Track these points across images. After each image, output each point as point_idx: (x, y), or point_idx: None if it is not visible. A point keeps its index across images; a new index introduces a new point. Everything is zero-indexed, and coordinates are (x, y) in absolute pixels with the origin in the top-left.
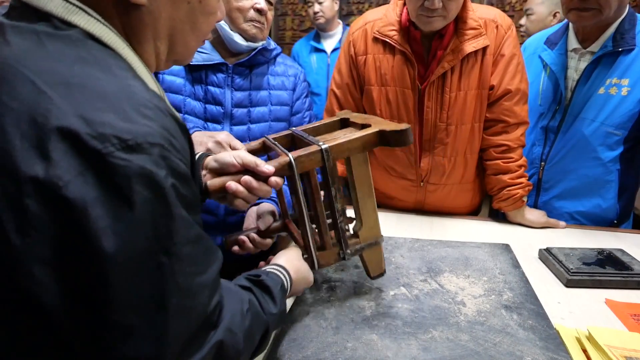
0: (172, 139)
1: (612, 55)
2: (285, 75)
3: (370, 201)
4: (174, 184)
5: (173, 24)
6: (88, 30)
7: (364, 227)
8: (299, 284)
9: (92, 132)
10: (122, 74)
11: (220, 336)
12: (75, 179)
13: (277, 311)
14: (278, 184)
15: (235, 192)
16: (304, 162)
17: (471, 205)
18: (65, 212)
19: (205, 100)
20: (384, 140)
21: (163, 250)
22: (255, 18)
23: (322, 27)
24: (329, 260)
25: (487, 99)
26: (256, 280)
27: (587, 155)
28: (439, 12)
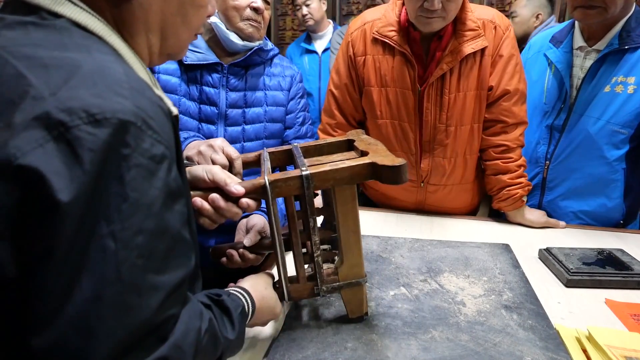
0: (147, 119)
1: (618, 53)
2: (282, 76)
3: (354, 238)
4: (142, 164)
5: (164, 17)
6: (74, 19)
7: (344, 264)
8: (263, 314)
9: (60, 105)
10: (102, 57)
11: (165, 352)
12: (34, 150)
13: (234, 337)
14: (250, 206)
15: (200, 210)
16: (281, 187)
17: (471, 205)
18: (20, 182)
19: (200, 101)
20: (376, 174)
21: (110, 233)
22: (252, 17)
23: (312, 29)
24: (301, 294)
25: (486, 99)
26: (217, 299)
27: (593, 154)
28: (438, 13)
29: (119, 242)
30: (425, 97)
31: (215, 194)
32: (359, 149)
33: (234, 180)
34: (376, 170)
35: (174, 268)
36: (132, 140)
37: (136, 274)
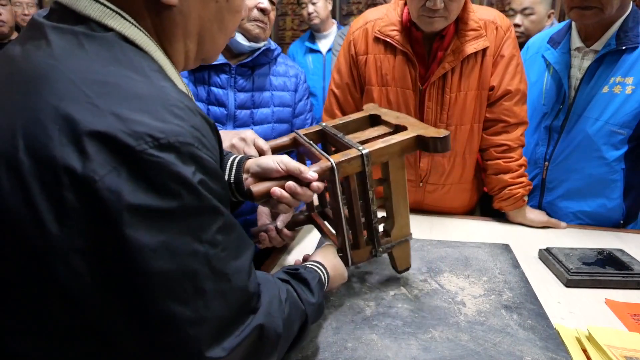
0: (202, 138)
1: (616, 54)
2: (287, 76)
3: (403, 203)
4: (203, 180)
5: (202, 22)
6: (123, 33)
7: (396, 226)
8: (336, 280)
9: (126, 129)
10: (155, 76)
11: (261, 320)
12: (109, 174)
13: (315, 302)
14: (320, 188)
15: (280, 198)
16: (345, 167)
17: (469, 205)
18: (100, 205)
19: (209, 102)
20: (423, 145)
21: (197, 239)
22: (259, 18)
23: (317, 28)
24: (362, 258)
25: (487, 99)
26: (294, 273)
27: (592, 154)
28: (440, 12)
29: (205, 244)
30: (427, 96)
31: (291, 182)
32: (390, 122)
33: (305, 167)
34: (424, 141)
35: (244, 251)
36: (193, 159)
37: (224, 265)
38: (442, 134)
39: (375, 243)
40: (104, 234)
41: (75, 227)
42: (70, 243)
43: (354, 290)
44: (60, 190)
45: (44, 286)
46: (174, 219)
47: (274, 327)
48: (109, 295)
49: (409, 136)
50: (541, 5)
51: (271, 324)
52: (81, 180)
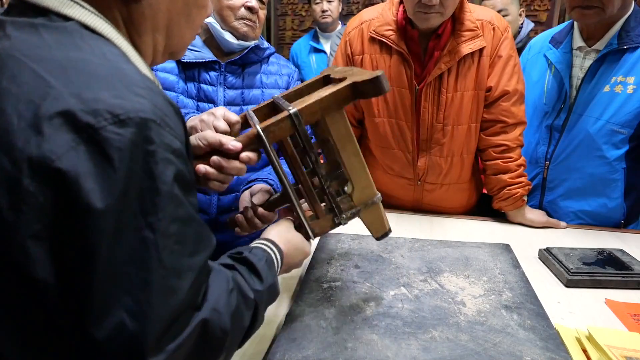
0: (164, 117)
1: (618, 53)
2: (279, 74)
3: (356, 159)
4: (167, 158)
5: (170, 16)
6: (83, 21)
7: (356, 188)
8: (294, 256)
9: (85, 108)
10: (116, 59)
11: (205, 315)
12: (67, 153)
13: (263, 287)
14: (250, 158)
15: (206, 174)
16: (274, 131)
17: (467, 204)
18: (57, 184)
19: (198, 98)
20: (359, 93)
21: (148, 225)
22: (246, 16)
23: (325, 27)
24: (324, 228)
25: (485, 100)
26: (239, 257)
27: (593, 153)
28: (436, 8)
29: (157, 232)
30: (423, 96)
31: (215, 156)
32: (335, 78)
33: (228, 138)
34: (358, 88)
35: (202, 249)
36: (155, 136)
37: (175, 258)
38: (375, 74)
39: (335, 210)
40: (61, 215)
41: (31, 213)
42: (27, 229)
43: (354, 290)
44: (17, 175)
45: (8, 277)
46: (127, 199)
47: (219, 324)
48: (64, 281)
49: (342, 86)
50: (513, 5)
51: (217, 319)
52: (38, 162)
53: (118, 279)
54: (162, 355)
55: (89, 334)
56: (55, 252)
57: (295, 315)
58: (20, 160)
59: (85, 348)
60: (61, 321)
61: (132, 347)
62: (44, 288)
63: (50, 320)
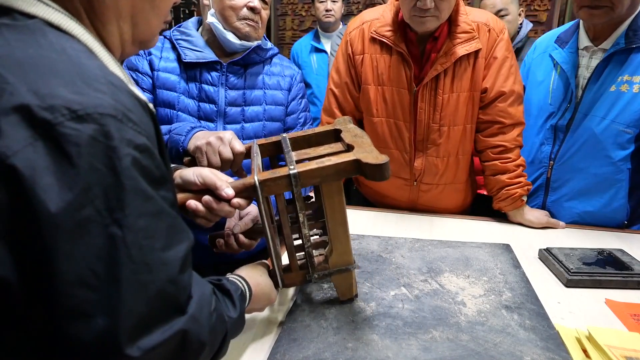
0: (127, 112)
1: (624, 53)
2: (281, 76)
3: (342, 229)
4: (129, 154)
5: (133, 3)
6: (47, 19)
7: (334, 253)
8: (259, 299)
9: (42, 104)
10: (77, 55)
11: (186, 325)
12: (24, 149)
13: (236, 316)
14: (241, 205)
15: (195, 212)
16: (270, 186)
17: (463, 205)
18: (13, 181)
19: (199, 99)
20: (360, 170)
21: (114, 221)
22: (249, 16)
23: (327, 26)
24: (294, 281)
25: (481, 101)
26: (217, 283)
27: (598, 153)
28: (431, 12)
29: (124, 228)
30: (420, 97)
31: (207, 196)
32: (345, 141)
33: (223, 183)
34: (360, 167)
35: (177, 243)
36: (116, 132)
37: (145, 253)
38: (380, 160)
39: (309, 267)
40: (18, 213)
41: None
42: None
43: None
44: None
45: None
46: (90, 196)
47: (198, 336)
48: (27, 280)
49: (346, 159)
50: (513, 5)
51: (197, 330)
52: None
53: (85, 277)
54: (136, 350)
55: (61, 333)
56: (15, 251)
57: (296, 315)
58: None
59: (58, 344)
60: (29, 321)
61: (106, 342)
62: (6, 286)
63: (17, 320)
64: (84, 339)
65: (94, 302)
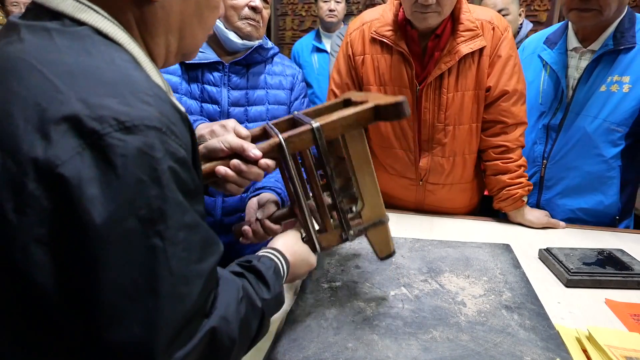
0: (170, 125)
1: (613, 54)
2: (283, 75)
3: (370, 179)
4: (171, 167)
5: (183, 17)
6: (96, 26)
7: (366, 206)
8: (299, 267)
9: (91, 114)
10: (125, 65)
11: (214, 323)
12: (72, 158)
13: (271, 296)
14: (269, 165)
15: (225, 176)
16: (295, 142)
17: (470, 205)
18: (61, 189)
19: (202, 99)
20: (379, 115)
21: (156, 233)
22: (250, 16)
23: (330, 26)
24: (330, 242)
25: (484, 100)
26: (247, 265)
27: (590, 152)
28: (432, 7)
29: (165, 240)
30: (424, 96)
31: (236, 159)
32: (357, 102)
33: (250, 144)
34: (379, 110)
35: (209, 255)
36: (160, 144)
37: (183, 265)
38: (397, 99)
39: (344, 225)
40: (63, 221)
41: (35, 216)
42: (31, 233)
43: (355, 290)
44: (23, 179)
45: (7, 280)
46: (133, 208)
47: (228, 332)
48: (67, 288)
49: (364, 107)
50: (514, 5)
51: (225, 328)
52: (43, 166)
53: (126, 287)
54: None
55: (98, 340)
56: (57, 258)
57: (296, 316)
58: (26, 164)
59: (94, 353)
60: (65, 326)
61: (142, 354)
62: (43, 293)
63: (53, 324)
64: (120, 349)
65: (132, 313)
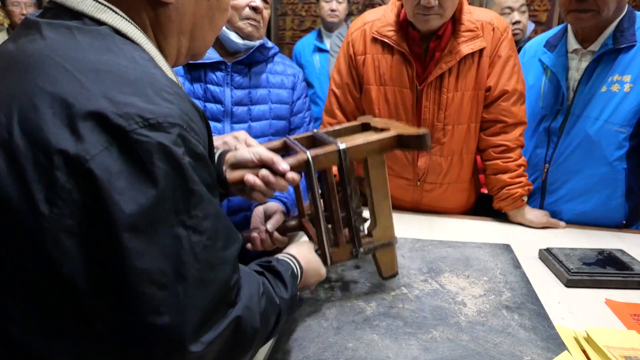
0: (190, 122)
1: (613, 53)
2: (285, 74)
3: (385, 203)
4: (191, 162)
5: (195, 19)
6: (115, 26)
7: (378, 227)
8: (310, 276)
9: (117, 111)
10: (145, 64)
11: (239, 312)
12: (100, 153)
13: (289, 296)
14: (295, 180)
15: (253, 186)
16: (322, 160)
17: (466, 204)
18: (90, 183)
19: (205, 99)
20: (403, 143)
21: (181, 222)
22: (251, 16)
23: (331, 26)
24: (341, 257)
25: (484, 100)
26: (267, 266)
27: (593, 154)
28: (435, 10)
29: (190, 229)
30: (424, 95)
31: (265, 170)
32: (378, 127)
33: (279, 158)
34: (402, 139)
35: (232, 243)
36: (183, 140)
37: (209, 253)
38: (421, 131)
39: (356, 242)
40: (93, 213)
41: (65, 208)
42: (61, 224)
43: (355, 290)
44: (53, 171)
45: (38, 269)
46: (160, 199)
47: (251, 322)
48: (96, 277)
49: (389, 135)
50: (525, 15)
51: (249, 318)
52: (73, 160)
53: (154, 275)
54: (199, 345)
55: (128, 327)
56: (87, 248)
57: (296, 315)
58: (56, 157)
59: (125, 340)
60: (96, 313)
61: (172, 337)
62: (73, 281)
63: (83, 312)
64: (151, 335)
65: (162, 300)
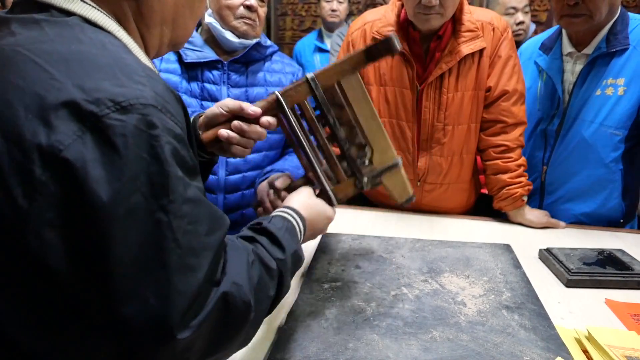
0: (165, 103)
1: (607, 57)
2: (283, 73)
3: (374, 123)
4: (169, 143)
5: (176, 9)
6: (85, 15)
7: (375, 151)
8: (317, 221)
9: (88, 97)
10: (116, 49)
11: (224, 288)
12: (74, 142)
13: (285, 255)
14: (271, 123)
15: (228, 139)
16: (292, 95)
17: (466, 205)
18: (66, 173)
19: (202, 97)
20: (371, 54)
21: (160, 207)
22: (245, 15)
23: (332, 26)
24: (346, 193)
25: (484, 100)
26: (258, 228)
27: (589, 156)
28: (435, 9)
29: (170, 214)
30: (424, 96)
31: (236, 120)
32: None
33: (247, 104)
34: (371, 50)
35: (217, 228)
36: (157, 121)
37: (191, 238)
38: (387, 35)
39: (356, 173)
40: (71, 203)
41: (44, 201)
42: (41, 217)
43: (355, 290)
44: (29, 165)
45: (23, 264)
46: (137, 184)
47: (240, 296)
48: (80, 268)
49: (357, 51)
50: (527, 16)
51: (237, 292)
52: (47, 152)
53: (137, 262)
54: (187, 331)
55: (115, 315)
56: (69, 239)
57: (296, 316)
58: (31, 151)
59: (112, 329)
60: (82, 304)
61: (159, 325)
62: (58, 274)
63: (70, 303)
64: (138, 322)
65: (145, 286)
